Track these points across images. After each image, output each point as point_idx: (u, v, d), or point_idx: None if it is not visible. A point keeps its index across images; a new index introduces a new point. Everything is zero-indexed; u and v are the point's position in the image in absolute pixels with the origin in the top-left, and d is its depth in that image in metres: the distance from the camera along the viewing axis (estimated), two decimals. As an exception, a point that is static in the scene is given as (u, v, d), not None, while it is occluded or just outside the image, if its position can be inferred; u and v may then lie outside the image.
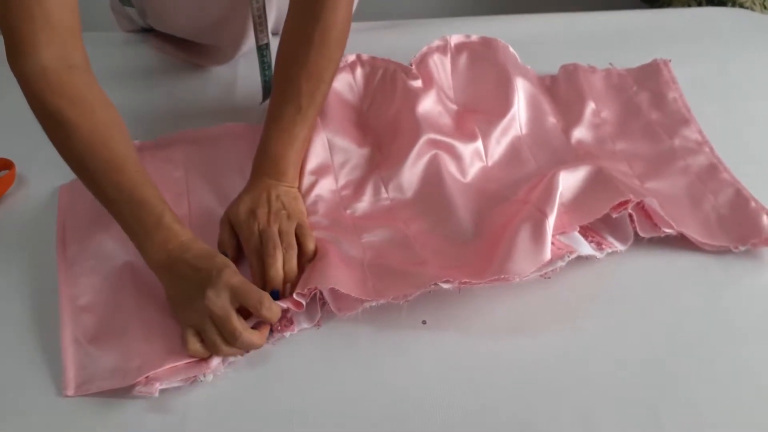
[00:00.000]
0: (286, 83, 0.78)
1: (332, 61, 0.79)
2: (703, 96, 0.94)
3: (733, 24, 1.12)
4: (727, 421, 0.62)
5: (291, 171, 0.78)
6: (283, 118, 0.78)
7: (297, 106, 0.77)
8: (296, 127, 0.78)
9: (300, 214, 0.76)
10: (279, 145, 0.77)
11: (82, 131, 0.68)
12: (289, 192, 0.77)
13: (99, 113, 0.70)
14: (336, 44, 0.78)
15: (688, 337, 0.68)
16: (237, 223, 0.74)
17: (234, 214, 0.75)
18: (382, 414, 0.62)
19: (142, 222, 0.69)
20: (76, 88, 0.69)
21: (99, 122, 0.69)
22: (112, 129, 0.70)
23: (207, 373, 0.64)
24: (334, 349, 0.67)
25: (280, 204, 0.75)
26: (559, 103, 0.93)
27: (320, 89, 0.78)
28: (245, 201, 0.75)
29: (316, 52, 0.77)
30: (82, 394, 0.63)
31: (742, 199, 0.79)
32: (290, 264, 0.70)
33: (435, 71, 0.91)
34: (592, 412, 0.62)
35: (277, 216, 0.73)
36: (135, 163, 0.71)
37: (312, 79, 0.77)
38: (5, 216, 0.80)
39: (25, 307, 0.71)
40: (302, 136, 0.78)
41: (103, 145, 0.69)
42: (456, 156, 0.83)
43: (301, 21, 0.77)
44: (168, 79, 0.99)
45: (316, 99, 0.78)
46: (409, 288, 0.67)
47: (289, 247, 0.71)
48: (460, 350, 0.67)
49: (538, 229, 0.69)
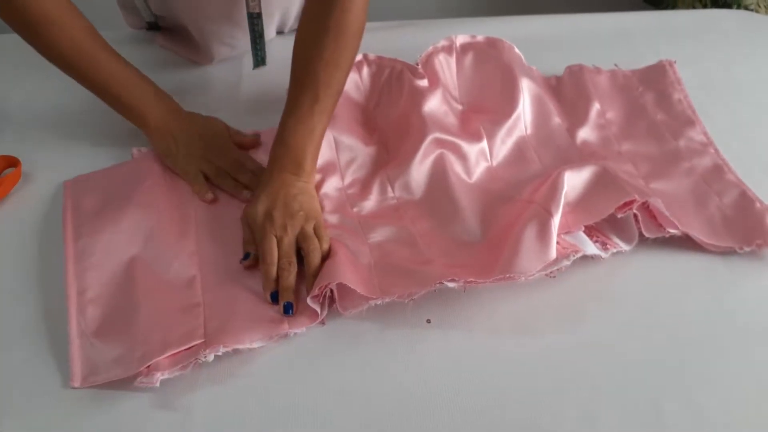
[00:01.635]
0: (303, 72, 0.78)
1: (348, 49, 0.78)
2: (707, 97, 0.95)
3: (738, 25, 1.12)
4: (731, 422, 0.62)
5: (308, 164, 0.78)
6: (300, 108, 0.77)
7: (314, 95, 0.77)
8: (314, 118, 0.77)
9: (317, 213, 0.76)
10: (296, 136, 0.77)
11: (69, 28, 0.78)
12: (305, 190, 0.77)
13: (79, 15, 0.79)
14: (353, 32, 0.78)
15: (692, 337, 0.68)
16: (254, 225, 0.74)
17: (251, 216, 0.75)
18: (387, 412, 0.62)
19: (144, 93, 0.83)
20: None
21: (81, 23, 0.79)
22: (92, 30, 0.80)
23: (207, 353, 0.63)
24: (338, 347, 0.68)
25: (297, 205, 0.75)
26: (564, 104, 0.93)
27: (337, 78, 0.78)
28: (262, 200, 0.75)
29: (333, 39, 0.76)
30: (89, 385, 0.64)
31: (747, 200, 0.79)
32: (314, 265, 0.70)
33: (440, 71, 0.91)
34: (597, 411, 0.62)
35: (293, 219, 0.73)
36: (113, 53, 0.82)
37: (329, 67, 0.77)
38: (12, 213, 0.81)
39: (32, 301, 0.71)
40: (320, 128, 0.78)
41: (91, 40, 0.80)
42: (461, 156, 0.83)
43: (318, 8, 0.77)
44: (172, 78, 0.99)
45: (333, 88, 0.78)
46: (415, 286, 0.67)
47: (315, 251, 0.71)
48: (465, 349, 0.67)
49: (544, 229, 0.69)
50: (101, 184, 0.82)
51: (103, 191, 0.81)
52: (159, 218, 0.77)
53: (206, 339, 0.65)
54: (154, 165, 0.84)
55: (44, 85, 0.96)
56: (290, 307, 0.68)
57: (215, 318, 0.68)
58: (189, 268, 0.73)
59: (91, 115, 0.91)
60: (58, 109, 0.94)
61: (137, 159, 0.86)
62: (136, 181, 0.81)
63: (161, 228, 0.76)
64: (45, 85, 0.96)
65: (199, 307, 0.69)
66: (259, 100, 0.96)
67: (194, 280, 0.72)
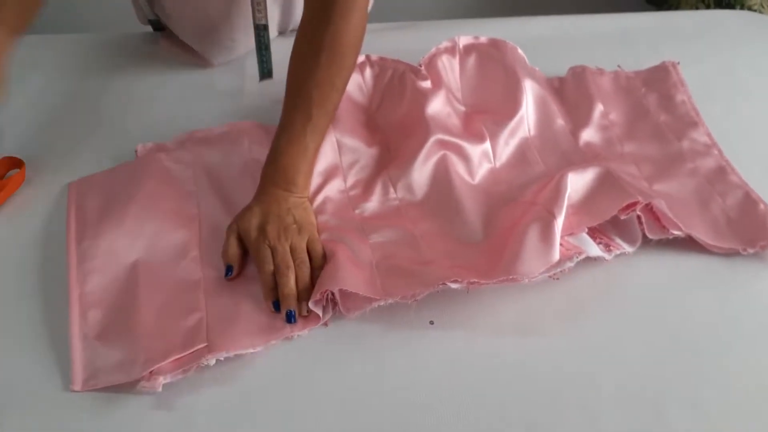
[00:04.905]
0: (297, 91, 0.77)
1: (343, 68, 0.77)
2: (711, 98, 0.94)
3: (741, 26, 1.12)
4: (734, 423, 0.62)
5: (301, 181, 0.77)
6: (293, 127, 0.76)
7: (307, 114, 0.76)
8: (306, 137, 0.76)
9: (311, 226, 0.75)
10: (289, 155, 0.76)
11: None
12: (299, 203, 0.76)
13: None
14: (348, 51, 0.77)
15: (695, 339, 0.68)
16: (248, 240, 0.73)
17: (244, 230, 0.74)
18: (389, 413, 0.62)
19: None
20: None
21: None
22: None
23: (209, 358, 0.64)
24: (341, 348, 0.67)
25: (291, 218, 0.74)
26: (567, 105, 0.93)
27: (331, 97, 0.77)
28: (255, 214, 0.74)
29: (327, 58, 0.75)
30: (89, 389, 0.63)
31: (751, 201, 0.79)
32: (303, 280, 0.70)
33: (443, 72, 0.91)
34: (599, 413, 0.62)
35: (287, 231, 0.73)
36: None
37: (323, 86, 0.76)
38: (15, 214, 0.81)
39: (35, 303, 0.71)
40: (313, 146, 0.77)
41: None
42: (464, 157, 0.83)
43: (313, 26, 0.76)
44: (177, 79, 0.99)
45: (326, 107, 0.77)
46: (418, 287, 0.67)
47: (302, 264, 0.71)
48: (468, 350, 0.67)
49: (547, 230, 0.69)
50: (105, 185, 0.82)
51: (106, 193, 0.81)
52: (162, 221, 0.77)
53: (209, 343, 0.65)
54: (157, 164, 0.84)
55: (48, 86, 0.96)
56: (293, 316, 0.68)
57: (218, 322, 0.68)
58: (192, 272, 0.73)
59: (95, 117, 0.92)
60: (62, 110, 0.94)
61: (140, 158, 0.86)
62: (140, 182, 0.81)
63: (164, 231, 0.76)
64: (49, 86, 0.96)
65: (201, 310, 0.69)
66: (262, 102, 0.96)
67: (197, 283, 0.72)
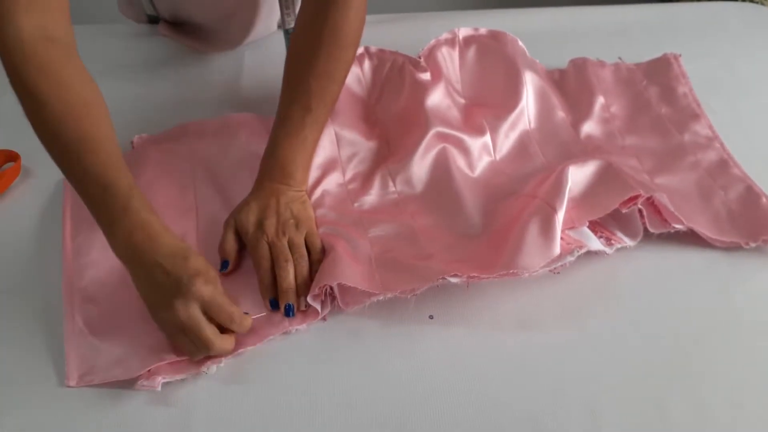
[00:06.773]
0: (295, 83, 0.76)
1: (342, 61, 0.77)
2: (712, 91, 0.94)
3: (743, 19, 1.11)
4: (736, 419, 0.61)
5: (299, 174, 0.76)
6: (291, 119, 0.76)
7: (306, 107, 0.75)
8: (305, 130, 0.76)
9: (309, 220, 0.74)
10: (287, 148, 0.75)
11: (52, 106, 0.64)
12: (297, 197, 0.76)
13: (74, 90, 0.66)
14: (347, 44, 0.76)
15: (696, 333, 0.68)
16: (245, 236, 0.73)
17: (242, 225, 0.73)
18: (388, 408, 0.62)
19: (108, 207, 0.65)
20: (51, 62, 0.65)
21: (73, 100, 0.66)
22: (88, 108, 0.67)
23: (210, 366, 0.64)
24: (340, 343, 0.67)
25: (289, 213, 0.73)
26: (568, 98, 0.93)
27: (330, 90, 0.77)
28: (253, 209, 0.74)
29: (326, 51, 0.75)
30: (85, 385, 0.63)
31: (753, 194, 0.78)
32: (302, 275, 0.70)
33: (443, 64, 0.90)
34: (599, 407, 0.62)
35: (285, 226, 0.72)
36: (110, 146, 0.66)
37: (321, 78, 0.75)
38: (11, 208, 0.80)
39: (30, 297, 0.71)
40: (311, 139, 0.77)
41: (76, 123, 0.65)
42: (464, 150, 0.82)
43: (311, 20, 0.75)
44: (174, 71, 0.99)
45: (325, 100, 0.76)
46: (417, 282, 0.67)
47: (300, 258, 0.70)
48: (467, 345, 0.67)
49: (548, 224, 0.68)
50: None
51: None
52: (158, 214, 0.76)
53: None
54: (154, 156, 0.83)
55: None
56: (291, 309, 0.68)
57: None
58: None
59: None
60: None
61: (137, 150, 0.86)
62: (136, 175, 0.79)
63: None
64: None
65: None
66: (260, 93, 0.95)
67: None
